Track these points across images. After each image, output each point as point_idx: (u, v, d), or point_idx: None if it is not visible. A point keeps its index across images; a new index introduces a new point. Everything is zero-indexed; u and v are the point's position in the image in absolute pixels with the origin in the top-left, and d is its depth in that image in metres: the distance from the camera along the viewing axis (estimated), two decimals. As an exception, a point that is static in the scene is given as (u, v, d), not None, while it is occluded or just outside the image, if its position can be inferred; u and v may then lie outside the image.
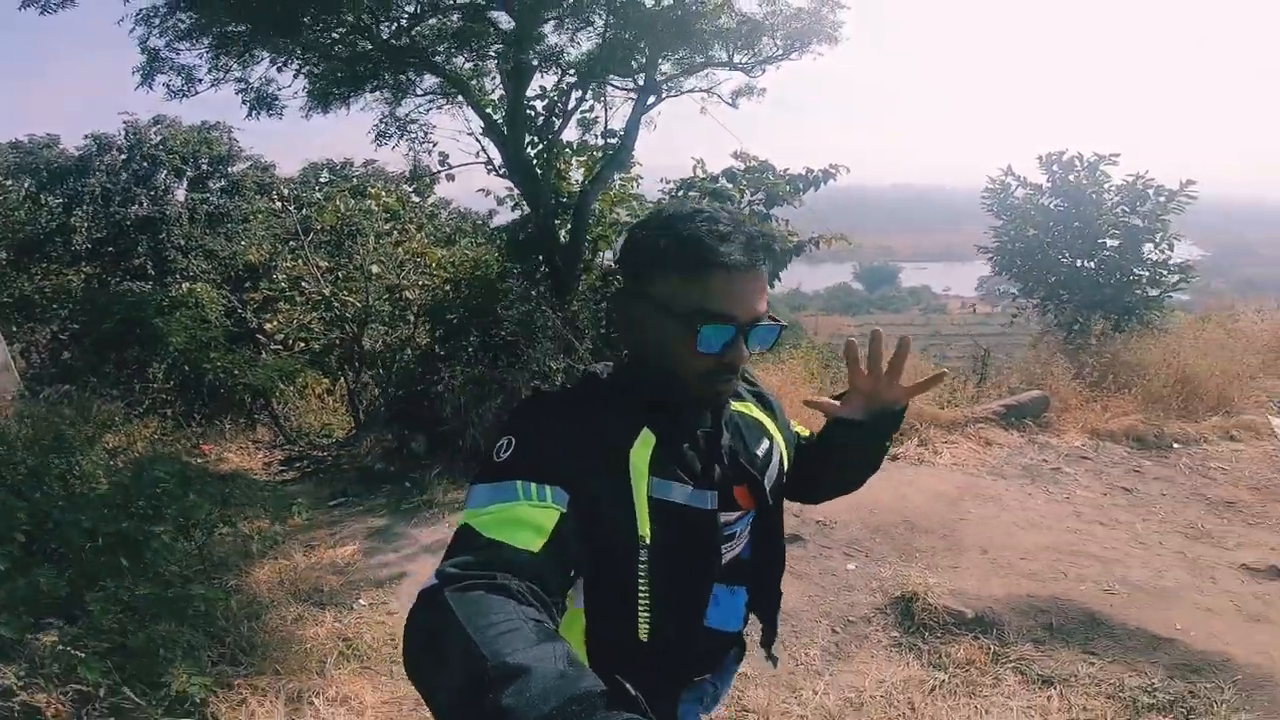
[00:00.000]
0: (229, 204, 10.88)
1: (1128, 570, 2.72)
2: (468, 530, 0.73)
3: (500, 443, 0.81)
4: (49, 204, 10.03)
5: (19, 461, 3.33)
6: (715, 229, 0.81)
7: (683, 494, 0.86)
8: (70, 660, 2.02)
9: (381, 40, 5.42)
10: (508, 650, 0.55)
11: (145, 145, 10.11)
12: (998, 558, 2.85)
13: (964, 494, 3.47)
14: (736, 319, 0.81)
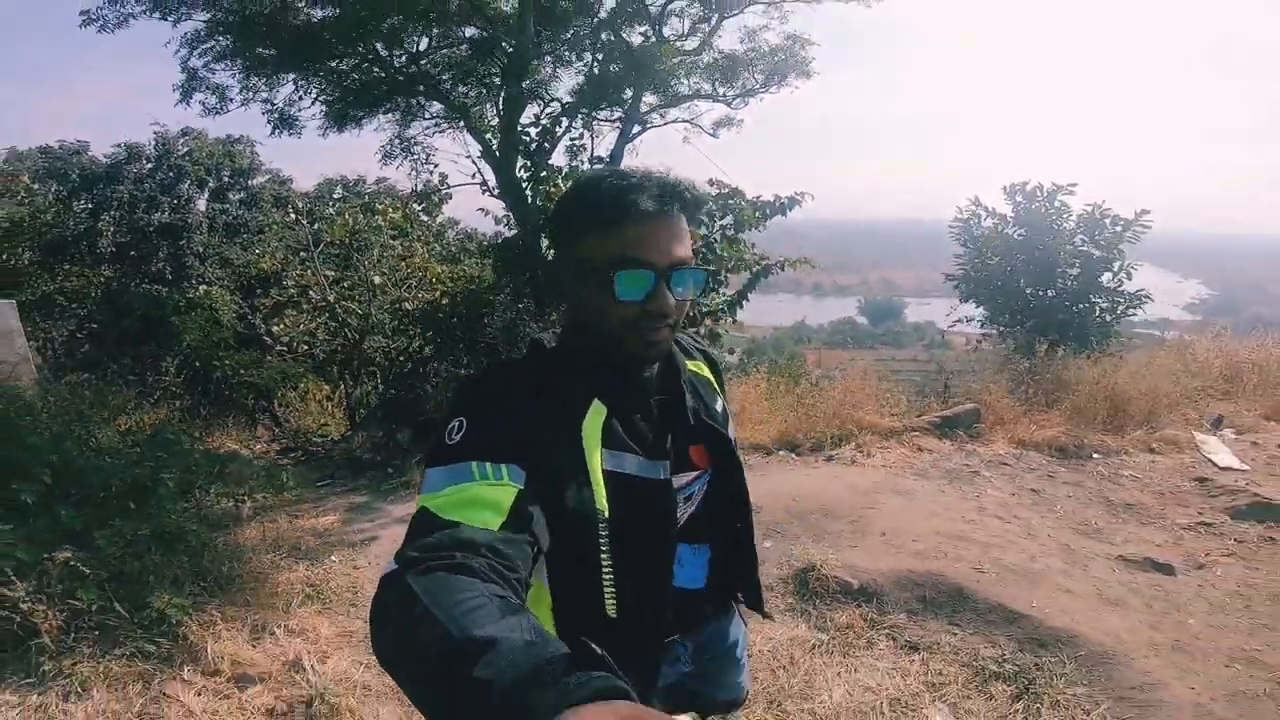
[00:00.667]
0: (247, 215, 11.49)
1: (1004, 554, 3.05)
2: (425, 514, 0.73)
3: (451, 425, 0.81)
4: (77, 208, 10.66)
5: (43, 427, 3.76)
6: (624, 183, 0.83)
7: (635, 465, 0.87)
8: (73, 581, 2.41)
9: (393, 69, 5.98)
10: (473, 625, 0.55)
11: (172, 156, 10.77)
12: (893, 540, 3.19)
13: (881, 489, 3.82)
14: (654, 264, 0.82)
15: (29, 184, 11.18)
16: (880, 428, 4.88)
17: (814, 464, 4.42)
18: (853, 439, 4.71)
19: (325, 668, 2.25)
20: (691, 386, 0.97)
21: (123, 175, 10.49)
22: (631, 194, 0.82)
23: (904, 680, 2.19)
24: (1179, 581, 2.86)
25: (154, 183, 10.72)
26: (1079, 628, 2.45)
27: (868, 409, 5.15)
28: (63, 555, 2.40)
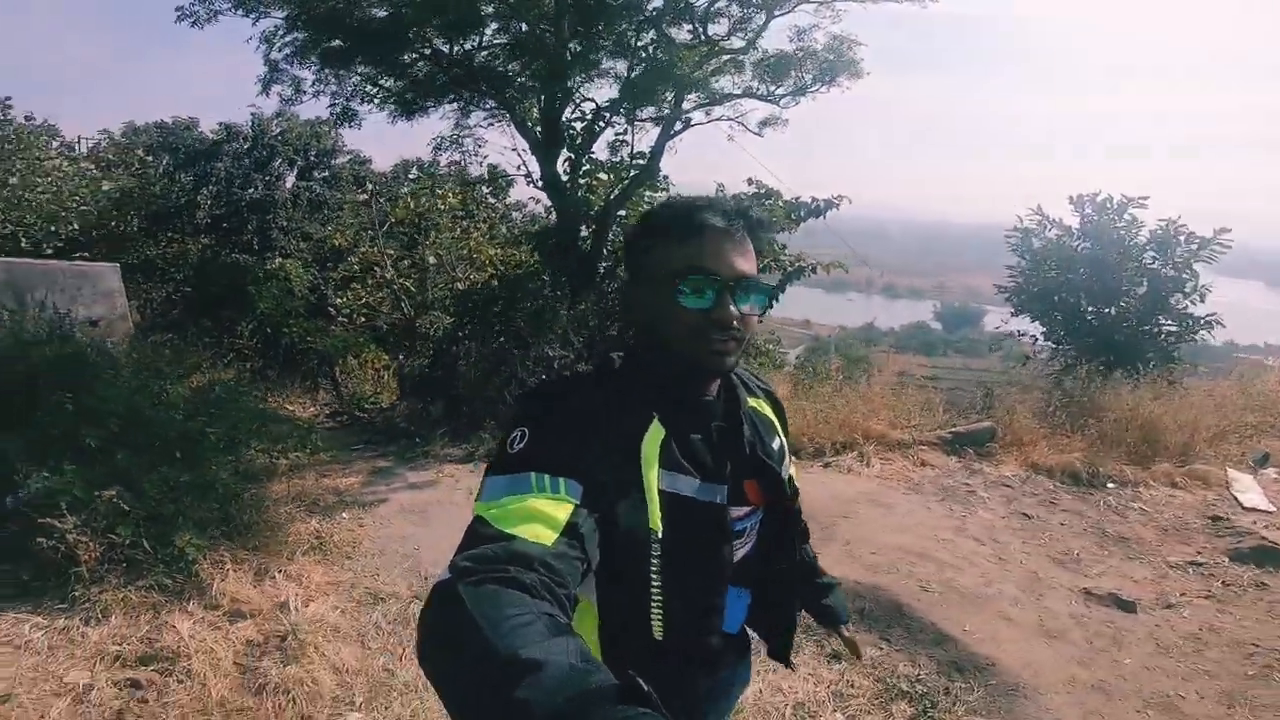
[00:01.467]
0: (328, 193, 12.32)
1: (959, 576, 3.06)
2: (481, 523, 0.73)
3: (514, 434, 0.81)
4: (181, 181, 11.76)
5: (123, 380, 4.32)
6: (696, 202, 0.89)
7: (690, 487, 0.87)
8: (115, 518, 2.84)
9: (451, 63, 6.34)
10: (521, 644, 0.55)
11: (266, 136, 11.69)
12: (853, 550, 3.25)
13: (863, 499, 3.86)
14: (719, 274, 0.84)
15: (143, 156, 12.40)
16: (888, 439, 4.88)
17: (808, 469, 4.49)
18: (857, 447, 4.74)
19: (307, 610, 2.59)
20: (750, 420, 0.98)
21: (222, 153, 11.48)
22: (701, 210, 0.87)
23: (814, 687, 2.28)
24: (1136, 620, 2.80)
25: (250, 160, 11.67)
26: (1002, 656, 2.47)
27: (881, 418, 5.14)
28: (109, 494, 2.85)
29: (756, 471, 0.97)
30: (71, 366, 4.36)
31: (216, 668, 2.18)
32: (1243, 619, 2.78)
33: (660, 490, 0.84)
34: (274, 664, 2.25)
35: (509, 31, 6.17)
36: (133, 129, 13.78)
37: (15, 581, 2.62)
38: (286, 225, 11.85)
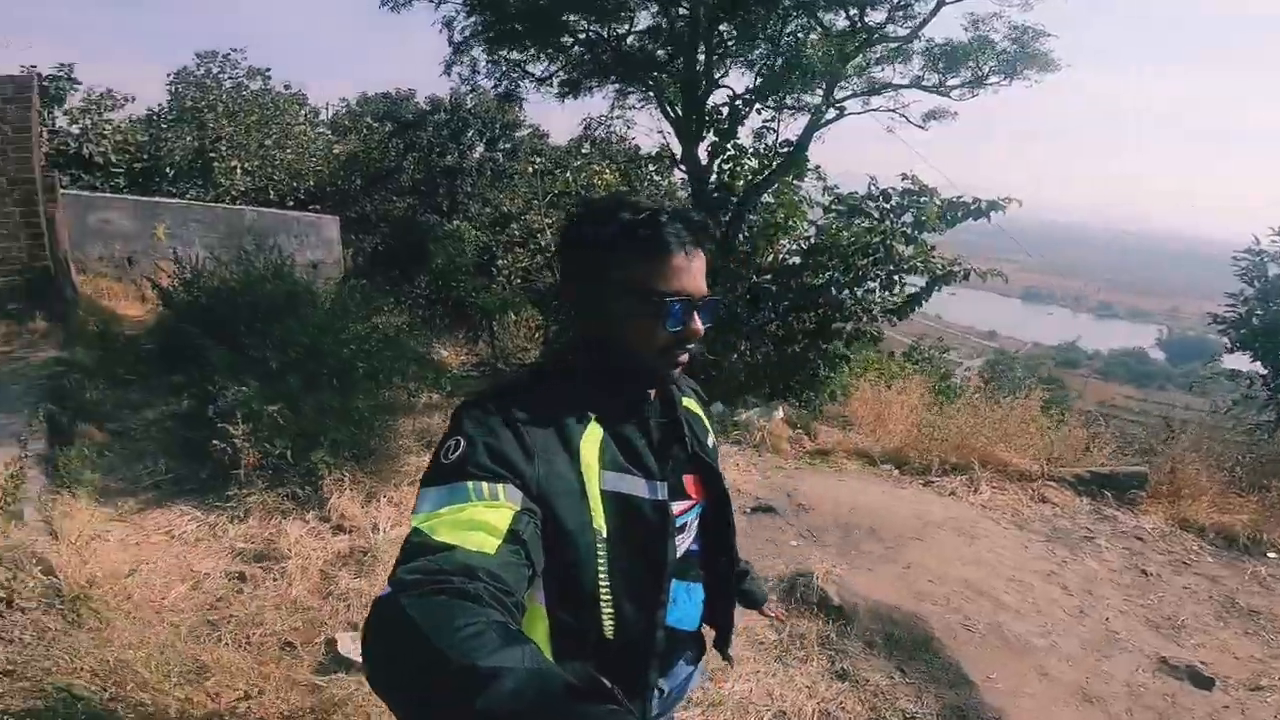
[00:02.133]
0: (508, 163, 13.48)
1: (1014, 621, 2.76)
2: (419, 535, 0.72)
3: (447, 444, 0.81)
4: (395, 146, 13.54)
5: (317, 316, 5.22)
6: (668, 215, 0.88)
7: (633, 486, 0.88)
8: (274, 431, 3.51)
9: (604, 47, 6.67)
10: (475, 654, 0.55)
11: (462, 109, 13.04)
12: (911, 574, 3.06)
13: (948, 525, 3.59)
14: (693, 295, 0.88)
15: (370, 123, 14.41)
16: (1011, 467, 4.45)
17: (906, 485, 4.26)
18: (969, 471, 4.38)
19: (392, 533, 3.06)
20: (686, 419, 1.00)
21: (427, 122, 13.01)
22: (673, 226, 0.87)
23: (805, 699, 2.25)
24: (1205, 698, 2.40)
25: (447, 131, 13.11)
26: (1014, 713, 2.25)
27: (1011, 445, 4.68)
28: (273, 410, 3.55)
29: (695, 467, 1.00)
30: (283, 301, 5.37)
31: (304, 572, 2.68)
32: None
33: (602, 490, 0.85)
34: (348, 575, 2.72)
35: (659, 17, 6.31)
36: (364, 98, 15.96)
37: (195, 478, 3.38)
38: (471, 191, 13.20)
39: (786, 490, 3.98)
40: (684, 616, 1.00)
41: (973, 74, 6.13)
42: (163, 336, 6.04)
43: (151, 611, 2.34)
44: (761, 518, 3.66)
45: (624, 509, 0.86)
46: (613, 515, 0.85)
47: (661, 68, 6.45)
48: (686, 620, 1.01)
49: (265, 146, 11.82)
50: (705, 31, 5.84)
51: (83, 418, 4.22)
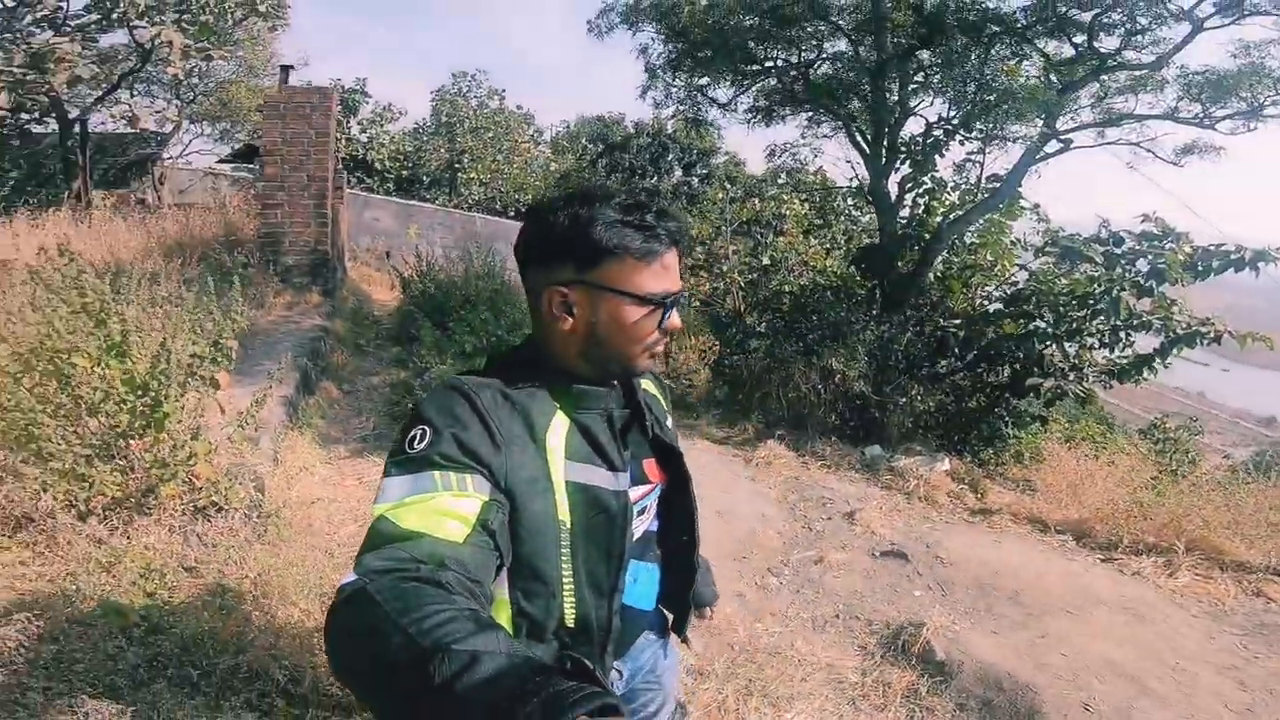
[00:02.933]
0: (702, 189, 13.99)
1: (1151, 711, 2.25)
2: (385, 523, 0.72)
3: (413, 432, 0.80)
4: (602, 166, 14.75)
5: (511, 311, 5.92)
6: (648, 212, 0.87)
7: (597, 476, 0.88)
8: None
9: (795, 74, 6.71)
10: (448, 639, 0.54)
11: (663, 134, 13.84)
12: (1041, 645, 2.64)
13: (1115, 603, 3.01)
14: (678, 292, 0.90)
15: (584, 144, 15.88)
16: (1226, 555, 3.68)
17: (1078, 557, 3.69)
18: (1168, 554, 3.69)
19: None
20: (646, 404, 1.01)
21: (630, 145, 14.01)
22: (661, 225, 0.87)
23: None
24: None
25: (648, 154, 13.99)
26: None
27: (1236, 533, 3.85)
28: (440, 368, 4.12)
29: (656, 451, 1.01)
30: (488, 296, 6.18)
31: None
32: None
33: (567, 481, 0.85)
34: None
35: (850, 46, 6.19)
36: (581, 120, 17.61)
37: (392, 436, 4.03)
38: (666, 212, 13.88)
39: (927, 541, 3.69)
40: (641, 596, 1.00)
41: (1248, 104, 5.17)
42: (398, 318, 7.27)
43: (321, 539, 2.82)
44: (889, 562, 3.44)
45: (587, 499, 0.87)
46: (577, 506, 0.86)
47: (850, 97, 6.30)
48: (643, 599, 1.02)
49: (497, 161, 13.51)
50: (898, 61, 5.62)
51: (327, 375, 5.23)
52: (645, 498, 0.98)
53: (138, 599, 2.00)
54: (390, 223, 12.04)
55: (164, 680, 1.76)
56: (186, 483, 2.32)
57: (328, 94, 6.55)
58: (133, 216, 7.63)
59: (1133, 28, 5.00)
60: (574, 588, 0.86)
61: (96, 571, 2.02)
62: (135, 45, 9.28)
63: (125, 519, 2.22)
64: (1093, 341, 5.59)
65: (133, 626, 1.86)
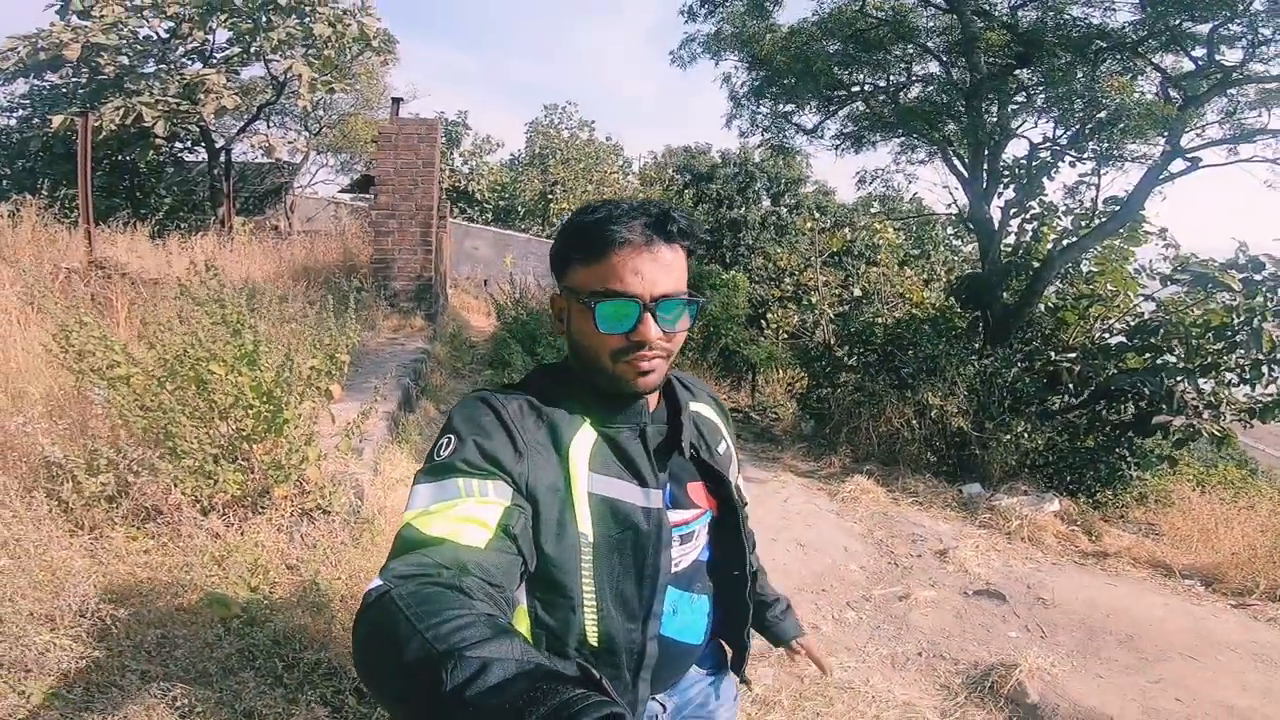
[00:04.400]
0: (791, 219, 13.84)
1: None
2: (411, 530, 0.73)
3: (440, 441, 0.82)
4: (689, 197, 14.93)
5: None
6: (612, 214, 0.83)
7: (624, 490, 0.86)
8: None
9: (891, 96, 6.55)
10: (463, 644, 0.55)
11: (749, 163, 13.85)
12: (1155, 690, 2.33)
13: (1241, 648, 2.60)
14: (636, 295, 0.81)
15: (672, 175, 16.15)
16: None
17: (1205, 602, 3.27)
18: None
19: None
20: (694, 423, 0.97)
21: (716, 175, 14.10)
22: (615, 224, 0.82)
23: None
24: None
25: (735, 184, 14.02)
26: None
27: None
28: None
29: (702, 474, 0.96)
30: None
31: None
32: None
33: (589, 493, 0.84)
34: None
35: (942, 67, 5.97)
36: (669, 151, 17.96)
37: None
38: (753, 244, 13.82)
39: (1028, 581, 3.40)
40: (685, 627, 0.96)
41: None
42: (493, 344, 7.62)
43: None
44: (983, 602, 3.19)
45: (612, 514, 0.84)
46: (600, 519, 0.84)
47: (944, 120, 6.07)
48: (688, 632, 0.96)
49: (588, 192, 13.99)
50: (994, 81, 5.36)
51: (426, 395, 5.53)
52: (690, 523, 0.94)
53: (242, 592, 2.16)
54: (488, 251, 12.69)
55: (252, 670, 1.88)
56: (297, 486, 2.51)
57: (433, 125, 7.02)
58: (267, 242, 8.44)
59: (1256, 39, 4.56)
60: (596, 604, 0.84)
61: (210, 564, 2.21)
62: (270, 78, 10.41)
63: (241, 517, 2.42)
64: (1231, 377, 5.03)
65: (233, 618, 2.01)
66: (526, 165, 14.91)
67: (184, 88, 9.40)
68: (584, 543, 0.83)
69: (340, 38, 9.46)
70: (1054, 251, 5.74)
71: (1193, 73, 5.06)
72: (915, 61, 6.38)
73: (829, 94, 6.92)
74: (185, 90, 9.39)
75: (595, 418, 0.88)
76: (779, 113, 7.29)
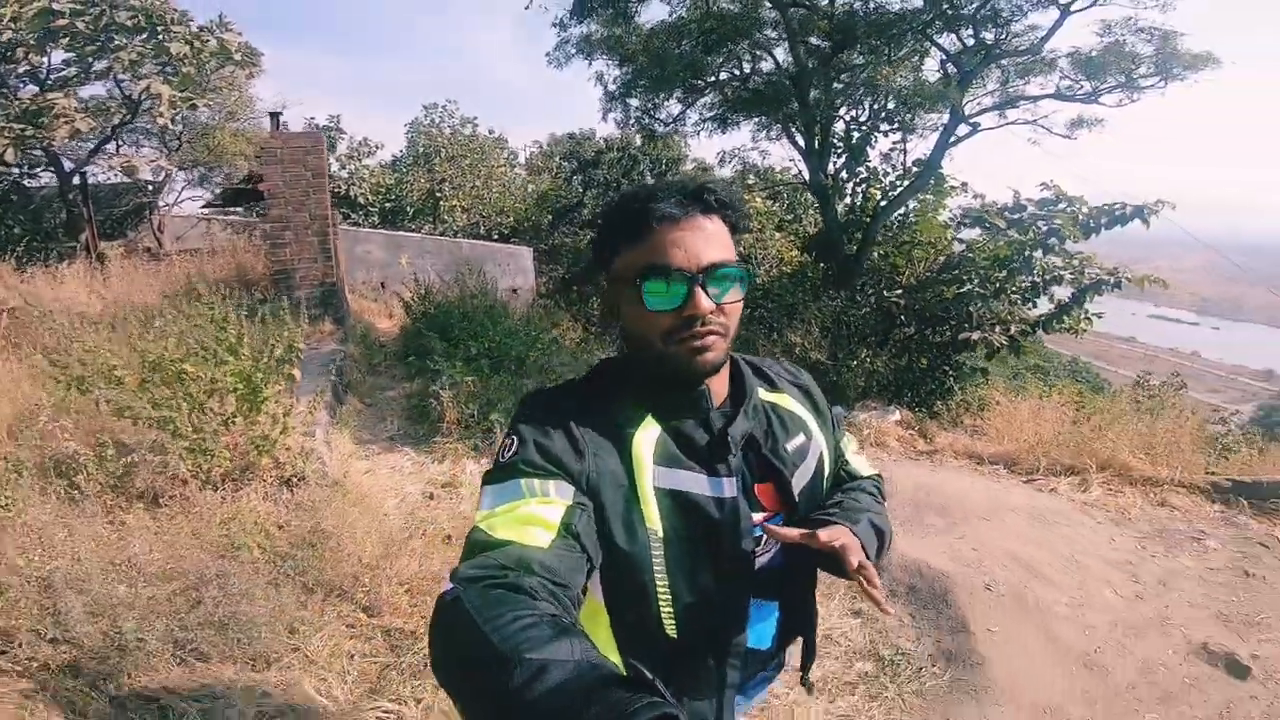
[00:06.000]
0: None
1: (1045, 591, 2.95)
2: (479, 533, 0.75)
3: (505, 443, 0.84)
4: (575, 183, 15.49)
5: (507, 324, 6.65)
6: (644, 192, 0.83)
7: (693, 482, 0.85)
8: (468, 397, 4.80)
9: (743, 85, 7.53)
10: (525, 646, 0.57)
11: (630, 147, 14.62)
12: (956, 543, 3.33)
13: (1025, 511, 3.74)
14: (682, 269, 0.80)
15: (559, 162, 16.58)
16: (1133, 472, 4.42)
17: (1003, 480, 4.44)
18: (1082, 474, 4.44)
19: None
20: (763, 415, 0.94)
21: (602, 161, 14.75)
22: (652, 201, 0.81)
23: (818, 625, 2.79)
24: (1231, 685, 2.47)
25: (620, 168, 14.75)
26: (997, 660, 2.51)
27: (1148, 453, 4.60)
28: (469, 381, 4.84)
29: (769, 474, 0.93)
30: (484, 312, 6.92)
31: (472, 494, 3.75)
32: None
33: (656, 487, 0.83)
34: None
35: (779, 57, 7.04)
36: (553, 139, 18.34)
37: (414, 434, 4.74)
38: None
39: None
40: (755, 635, 0.96)
41: (1127, 78, 6.00)
42: (403, 339, 7.98)
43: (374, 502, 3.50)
44: None
45: (682, 506, 0.84)
46: (669, 513, 0.84)
47: (783, 103, 7.15)
48: (757, 639, 0.97)
49: (476, 187, 14.24)
50: (821, 67, 6.47)
51: (350, 391, 5.94)
52: (756, 525, 0.91)
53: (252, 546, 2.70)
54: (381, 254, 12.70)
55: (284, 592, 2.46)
56: (273, 459, 3.03)
57: (318, 137, 7.27)
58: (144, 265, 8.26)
59: (1001, 20, 5.85)
60: (672, 599, 0.84)
61: (219, 528, 2.72)
62: (124, 98, 9.95)
63: (232, 489, 2.93)
64: (1016, 298, 6.39)
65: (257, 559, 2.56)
66: (410, 166, 14.88)
67: (24, 113, 8.88)
68: (654, 539, 0.83)
69: (198, 54, 9.26)
70: (878, 208, 6.93)
71: (966, 50, 6.30)
72: (758, 54, 7.37)
73: (692, 83, 7.79)
74: (27, 115, 8.88)
75: (658, 411, 0.87)
76: (646, 105, 8.09)
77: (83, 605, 2.01)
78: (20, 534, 2.33)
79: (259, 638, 2.24)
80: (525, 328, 6.59)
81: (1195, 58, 5.61)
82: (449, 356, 5.69)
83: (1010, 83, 6.68)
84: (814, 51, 6.70)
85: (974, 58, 6.11)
